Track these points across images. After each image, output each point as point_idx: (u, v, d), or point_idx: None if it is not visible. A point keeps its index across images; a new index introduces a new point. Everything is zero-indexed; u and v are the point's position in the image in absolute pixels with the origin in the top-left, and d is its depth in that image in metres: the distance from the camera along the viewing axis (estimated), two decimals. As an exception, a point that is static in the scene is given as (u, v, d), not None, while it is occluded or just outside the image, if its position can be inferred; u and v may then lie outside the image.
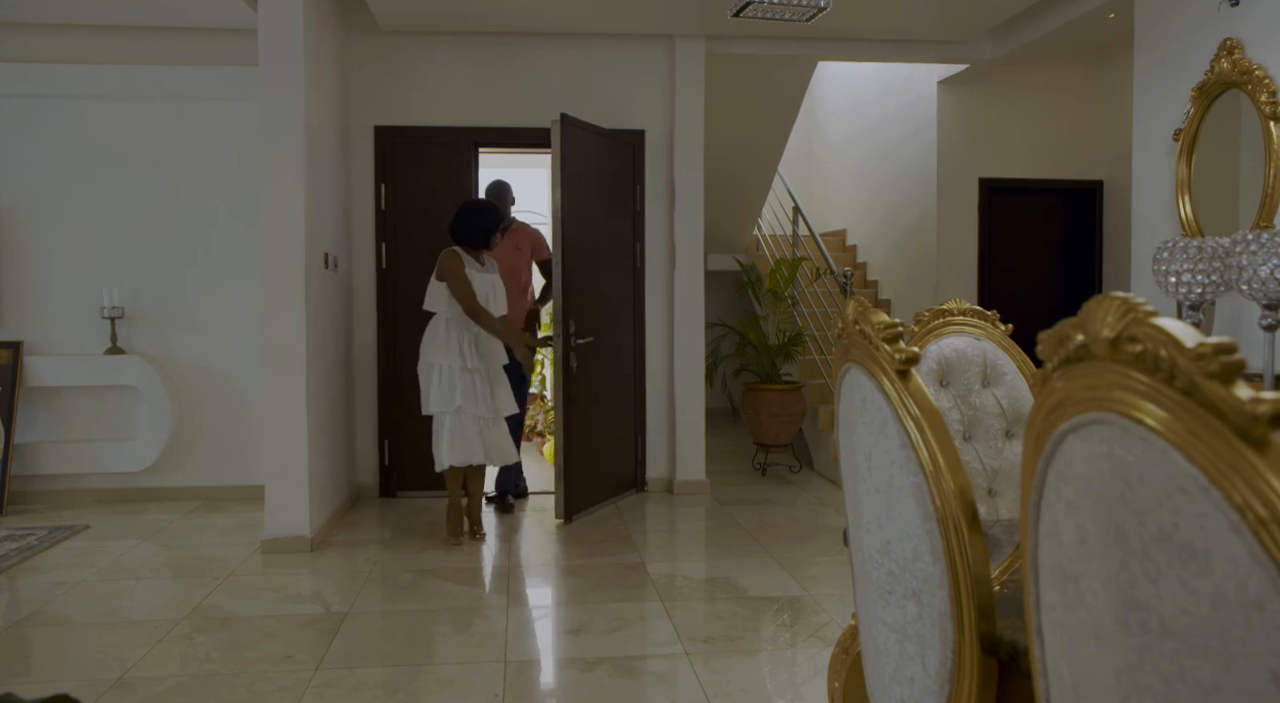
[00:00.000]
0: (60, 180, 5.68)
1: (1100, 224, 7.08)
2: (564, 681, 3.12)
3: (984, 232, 7.07)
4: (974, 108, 7.02)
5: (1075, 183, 7.08)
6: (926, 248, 7.24)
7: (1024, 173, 7.04)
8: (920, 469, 1.28)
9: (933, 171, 7.08)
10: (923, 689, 1.33)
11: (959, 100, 7.02)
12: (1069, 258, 7.17)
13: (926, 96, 7.17)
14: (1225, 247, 1.93)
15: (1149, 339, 0.74)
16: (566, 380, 5.21)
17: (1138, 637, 0.77)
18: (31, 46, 5.65)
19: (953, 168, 7.04)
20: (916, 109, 7.36)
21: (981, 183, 7.05)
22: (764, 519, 5.31)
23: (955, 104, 7.02)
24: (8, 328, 5.62)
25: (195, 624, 3.62)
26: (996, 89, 6.96)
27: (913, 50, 6.23)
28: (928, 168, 7.18)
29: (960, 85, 6.95)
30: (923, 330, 2.46)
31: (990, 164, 7.04)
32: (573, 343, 5.26)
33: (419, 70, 5.80)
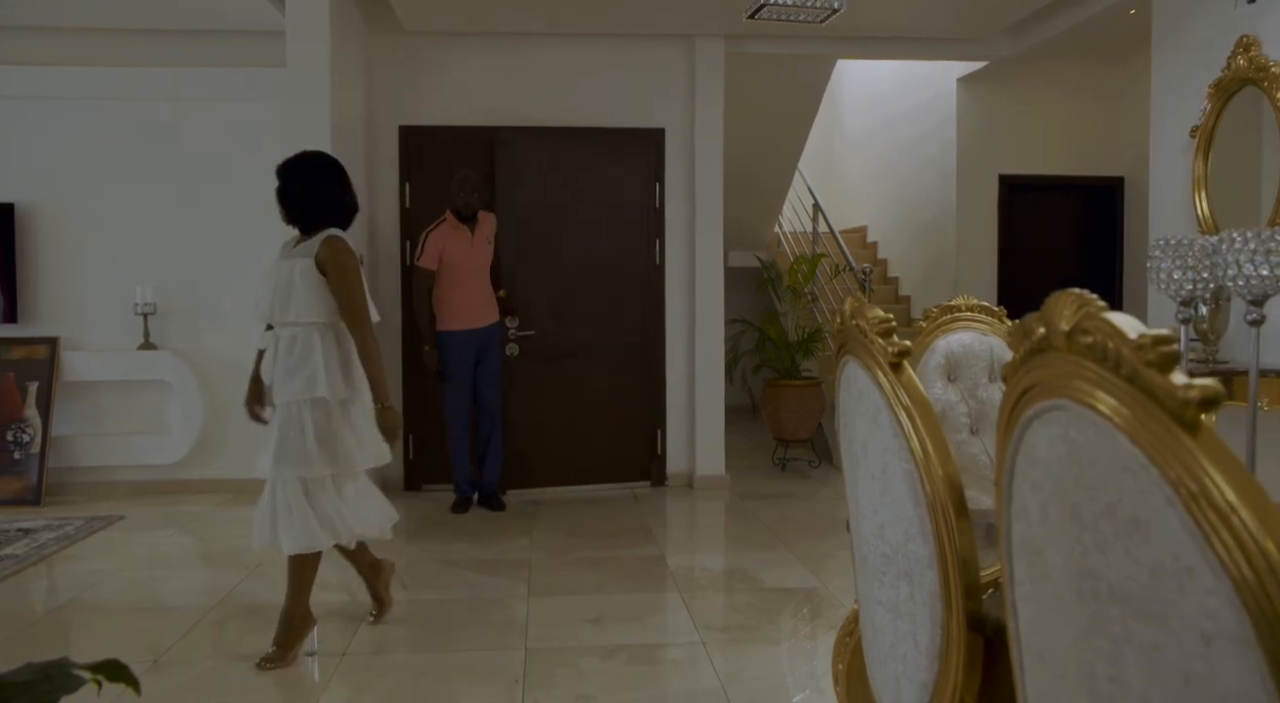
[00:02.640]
0: (94, 180, 5.83)
1: (1121, 221, 7.08)
2: (583, 667, 3.20)
3: (1003, 228, 7.10)
4: (993, 105, 7.05)
5: (1095, 179, 7.09)
6: (946, 245, 7.27)
7: (1043, 169, 7.06)
8: (911, 457, 1.35)
9: (952, 168, 7.12)
10: (915, 664, 1.40)
11: (978, 97, 7.04)
12: (1088, 254, 7.18)
13: (945, 93, 7.20)
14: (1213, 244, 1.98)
15: (1098, 331, 0.81)
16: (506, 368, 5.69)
17: (1090, 604, 0.85)
18: (67, 50, 5.80)
19: (972, 165, 7.07)
20: (936, 106, 7.39)
21: (1001, 180, 7.08)
22: (783, 514, 5.38)
23: (974, 101, 7.05)
24: (45, 324, 5.78)
25: (227, 611, 3.74)
26: (1016, 86, 6.99)
27: (931, 48, 6.27)
28: (947, 165, 7.21)
29: (979, 82, 6.98)
30: (931, 326, 2.53)
31: (1009, 161, 7.07)
32: (512, 336, 5.79)
33: (442, 70, 5.90)
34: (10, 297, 5.69)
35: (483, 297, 5.38)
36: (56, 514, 5.26)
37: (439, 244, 5.25)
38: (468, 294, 5.32)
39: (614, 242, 6.02)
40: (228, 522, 5.20)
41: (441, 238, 5.27)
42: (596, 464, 6.05)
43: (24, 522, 5.06)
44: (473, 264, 5.31)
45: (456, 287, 5.30)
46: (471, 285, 5.33)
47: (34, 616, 3.75)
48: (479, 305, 5.37)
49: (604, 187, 6.01)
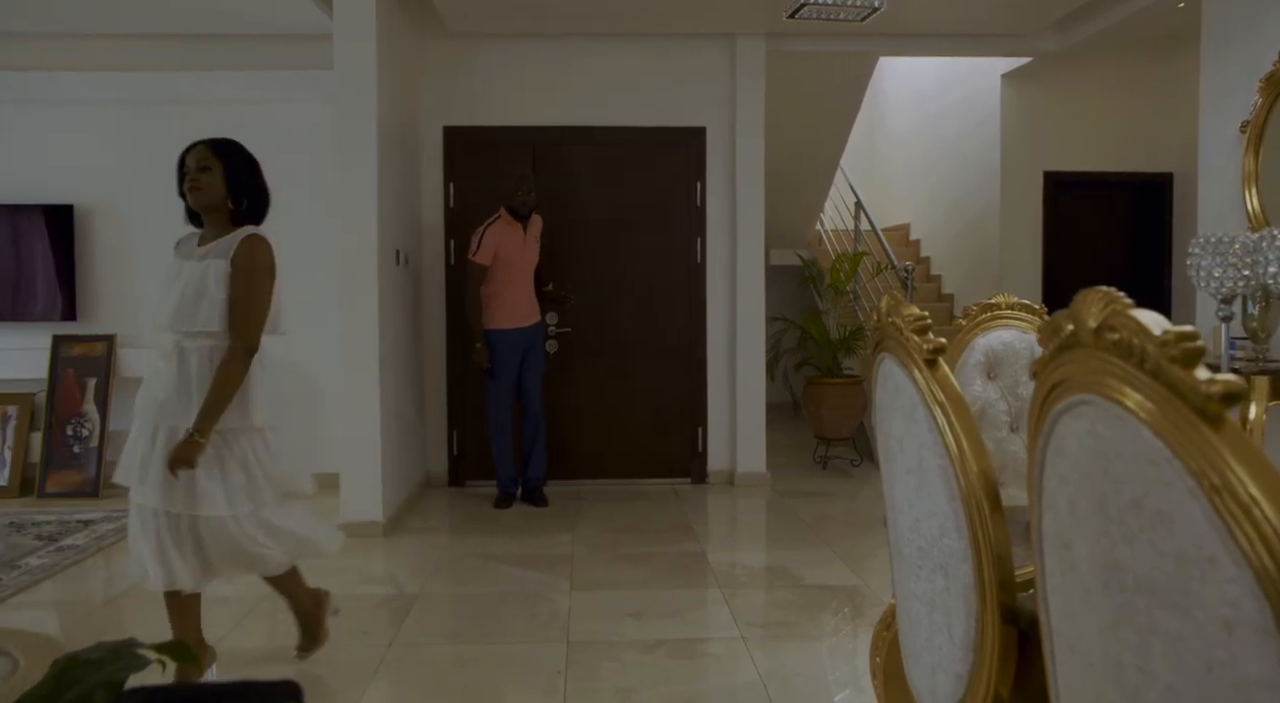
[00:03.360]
0: (148, 182, 5.95)
1: (1169, 217, 6.98)
2: (624, 660, 3.24)
3: (1048, 226, 7.03)
4: (1038, 101, 6.98)
5: (1143, 175, 7.00)
6: (989, 242, 7.22)
7: (1089, 166, 6.98)
8: (946, 452, 1.37)
9: (996, 165, 7.06)
10: (950, 656, 1.42)
11: (1022, 93, 6.98)
12: (1136, 252, 7.09)
13: (989, 89, 7.14)
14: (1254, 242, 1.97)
15: (1124, 328, 0.83)
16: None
17: (1116, 595, 0.87)
18: (120, 55, 5.95)
19: (1016, 161, 7.01)
20: (979, 102, 7.34)
21: (1046, 176, 7.01)
22: (824, 512, 5.38)
23: (1018, 97, 6.99)
24: (102, 322, 5.94)
25: (278, 601, 3.81)
26: (1061, 81, 6.91)
27: (975, 44, 6.23)
28: (990, 162, 7.15)
29: (1024, 78, 6.92)
30: (971, 324, 2.53)
31: (1054, 157, 7.00)
32: (552, 332, 5.95)
33: (485, 72, 5.98)
34: (69, 295, 5.86)
35: (528, 296, 5.41)
36: (114, 507, 5.41)
37: (495, 240, 5.26)
38: (515, 293, 5.34)
39: (655, 240, 6.06)
40: (277, 515, 5.31)
41: (498, 234, 5.28)
42: (638, 460, 6.10)
43: (84, 513, 5.22)
44: (522, 263, 5.34)
45: (506, 284, 5.31)
46: (519, 284, 5.35)
47: (95, 603, 3.88)
48: (525, 304, 5.40)
49: (645, 185, 6.05)
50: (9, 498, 5.62)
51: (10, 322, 5.86)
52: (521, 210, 5.30)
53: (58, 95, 5.91)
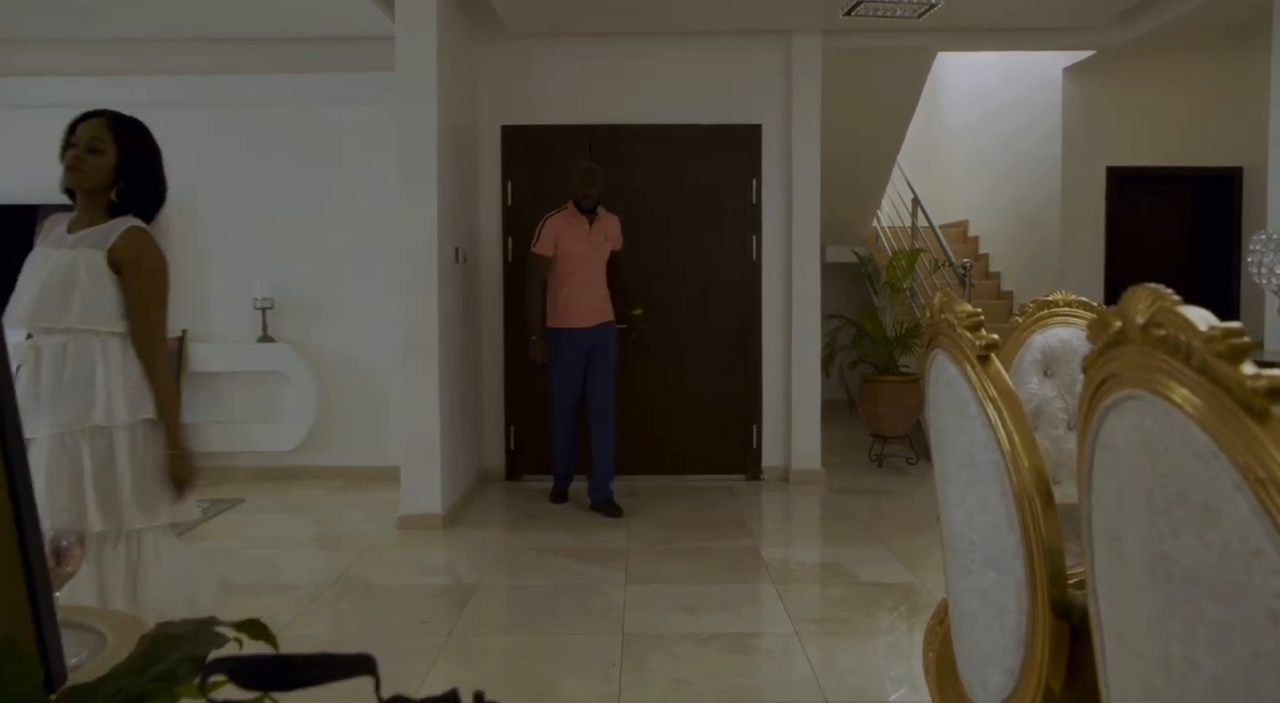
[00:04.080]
0: (217, 182, 6.16)
1: (1239, 212, 6.82)
2: (678, 653, 3.28)
3: (1111, 222, 6.91)
4: (1101, 95, 6.86)
5: (1211, 170, 6.85)
6: (1050, 239, 7.11)
7: (1154, 160, 6.85)
8: (998, 448, 1.38)
9: (1056, 160, 6.96)
10: (1001, 650, 1.44)
11: (1084, 87, 6.87)
12: (1203, 247, 6.94)
13: (1051, 83, 7.04)
14: (1316, 238, 1.94)
15: (1171, 324, 0.85)
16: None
17: (1164, 586, 0.88)
18: (191, 59, 6.13)
19: (1078, 156, 6.90)
20: (1040, 96, 7.23)
21: (1109, 171, 6.89)
22: (880, 509, 5.36)
23: (1080, 91, 6.88)
24: (174, 317, 6.12)
25: (341, 590, 3.94)
26: (1124, 74, 6.79)
27: (1036, 38, 6.14)
28: (1051, 156, 7.05)
29: (1086, 72, 6.81)
30: (1027, 321, 2.52)
31: (1118, 152, 6.88)
32: None
33: (542, 71, 6.05)
34: (142, 292, 6.04)
35: (593, 294, 5.24)
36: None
37: (555, 230, 5.16)
38: (576, 289, 5.18)
39: (711, 237, 6.08)
40: (339, 507, 5.45)
41: (559, 224, 5.17)
42: (693, 456, 6.14)
43: (155, 503, 5.40)
44: (586, 257, 5.18)
45: (567, 279, 5.17)
46: (581, 280, 5.19)
47: (166, 590, 4.02)
48: (589, 302, 5.21)
49: (701, 183, 6.08)
50: (84, 488, 5.83)
51: (86, 317, 6.07)
52: (584, 204, 5.17)
53: (130, 98, 6.10)
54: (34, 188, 6.03)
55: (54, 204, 5.85)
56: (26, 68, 6.09)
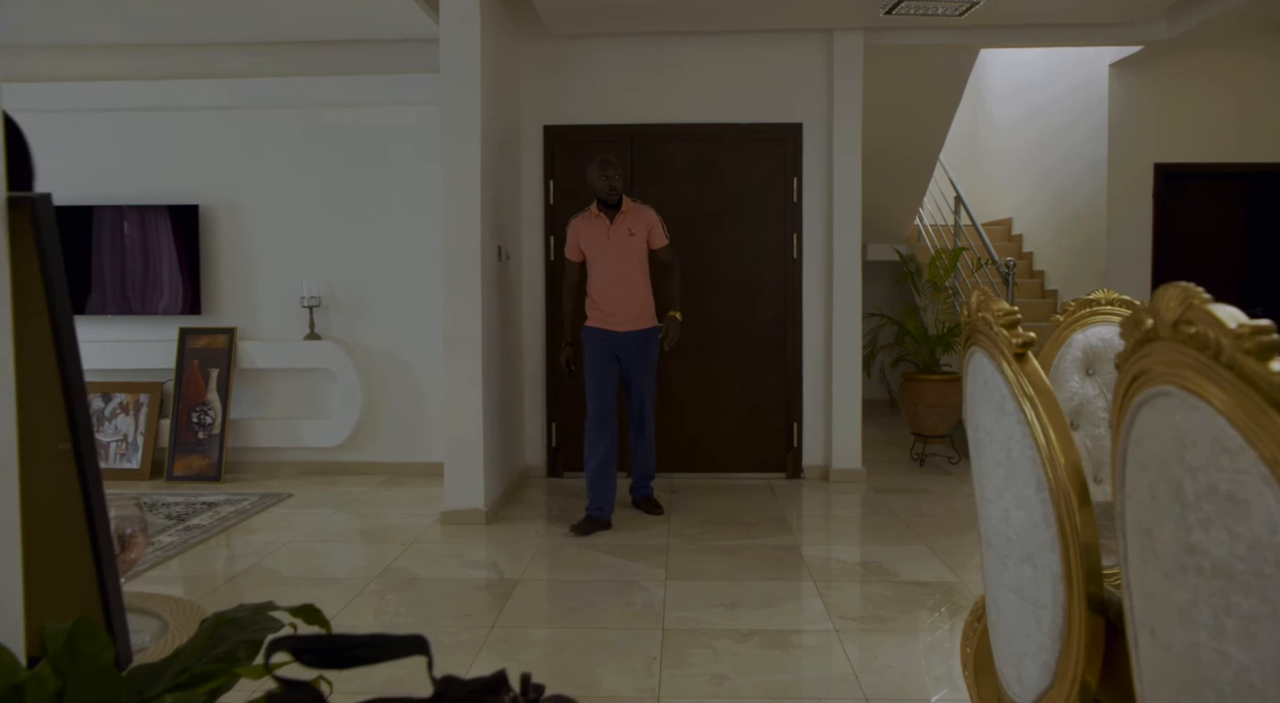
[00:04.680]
0: (265, 182, 6.29)
1: (1291, 209, 6.70)
2: (718, 649, 3.31)
3: (1158, 219, 6.81)
4: (1149, 90, 6.77)
5: (1265, 166, 6.73)
6: (1096, 237, 7.03)
7: (1204, 157, 6.75)
8: (1034, 444, 1.40)
9: (1103, 157, 6.88)
10: (1038, 644, 1.45)
11: (1132, 83, 6.78)
12: (1256, 245, 6.82)
13: (1097, 79, 6.96)
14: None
15: (1201, 321, 0.87)
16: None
17: (1193, 578, 0.90)
18: (242, 63, 6.27)
19: (1125, 153, 6.81)
20: (1086, 92, 7.15)
21: (1156, 168, 6.80)
22: (920, 509, 5.35)
23: (1128, 87, 6.79)
24: (224, 315, 6.28)
25: (386, 583, 4.02)
26: (1173, 70, 6.70)
27: (1082, 34, 6.08)
28: (1098, 153, 6.97)
29: (1133, 67, 6.72)
30: (1069, 320, 2.52)
31: (1166, 148, 6.78)
32: None
33: (584, 71, 6.10)
34: (194, 290, 6.21)
35: (623, 295, 4.87)
36: (235, 490, 5.72)
37: (576, 232, 4.96)
38: (603, 290, 4.90)
39: (752, 236, 6.10)
40: (384, 502, 5.54)
41: (579, 226, 4.96)
42: (733, 454, 6.16)
43: (207, 496, 5.54)
44: (610, 256, 4.88)
45: (594, 281, 4.93)
46: (607, 281, 4.89)
47: (220, 579, 4.13)
48: (618, 304, 4.88)
49: (742, 182, 6.09)
50: (141, 480, 6.00)
51: (140, 315, 6.24)
52: (608, 199, 4.87)
53: (183, 101, 6.26)
54: (89, 189, 6.22)
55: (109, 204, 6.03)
56: (82, 73, 6.26)
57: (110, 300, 6.22)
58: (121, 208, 6.19)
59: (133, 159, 6.30)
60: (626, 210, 4.91)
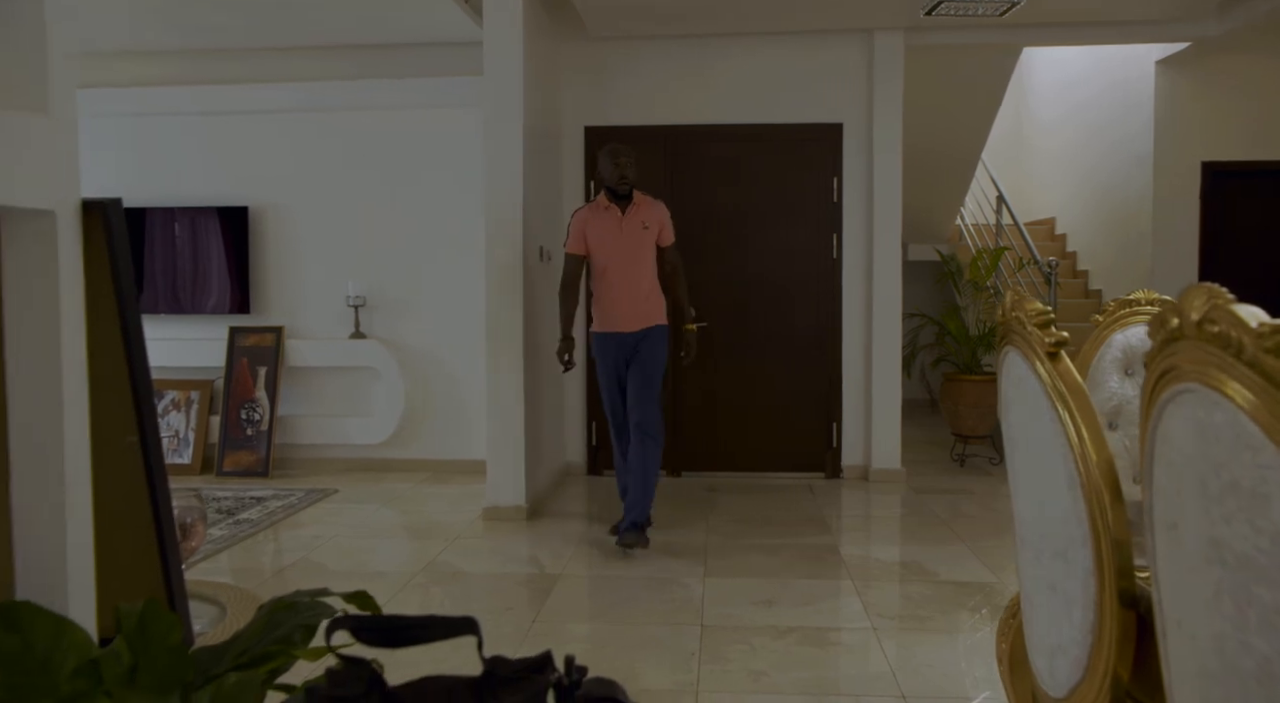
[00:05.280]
0: (311, 184, 6.42)
1: (1343, 208, 6.58)
2: (755, 645, 3.34)
3: (1205, 218, 6.73)
4: (1196, 88, 6.69)
5: (1314, 164, 6.62)
6: (1141, 236, 6.96)
7: (1252, 155, 6.65)
8: (1067, 442, 1.42)
9: (1149, 155, 6.80)
10: (1070, 639, 1.48)
11: (1179, 81, 6.70)
12: (1306, 244, 6.71)
13: (1143, 76, 6.88)
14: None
15: (1224, 320, 0.89)
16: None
17: (1217, 570, 0.93)
18: (289, 68, 6.40)
19: (1171, 151, 6.73)
20: (1131, 89, 7.07)
21: (1204, 167, 6.71)
22: (961, 509, 5.34)
23: (1174, 85, 6.71)
24: (272, 314, 6.42)
25: (430, 577, 4.10)
26: (1221, 67, 6.61)
27: (1127, 31, 6.02)
28: (1143, 151, 6.89)
29: (1180, 64, 6.64)
30: (1108, 320, 2.53)
31: (1213, 147, 6.69)
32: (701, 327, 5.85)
33: (624, 73, 6.16)
34: (244, 290, 6.35)
35: (632, 293, 4.57)
36: (282, 485, 5.85)
37: (581, 223, 4.61)
38: (609, 289, 4.59)
39: (792, 236, 6.12)
40: (426, 498, 5.63)
41: (585, 217, 4.63)
42: (772, 453, 6.18)
43: (256, 491, 5.68)
44: (620, 251, 4.56)
45: (601, 276, 4.60)
46: (617, 277, 4.57)
47: (268, 572, 4.23)
48: (621, 304, 4.57)
49: (782, 182, 6.11)
50: (192, 474, 6.15)
51: (191, 314, 6.40)
52: (619, 189, 4.54)
53: (232, 106, 6.40)
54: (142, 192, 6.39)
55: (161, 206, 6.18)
56: (133, 79, 6.43)
57: (162, 300, 6.39)
58: (173, 209, 6.35)
59: (183, 162, 6.47)
60: (639, 203, 4.60)
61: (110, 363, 1.53)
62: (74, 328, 1.38)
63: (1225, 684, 0.93)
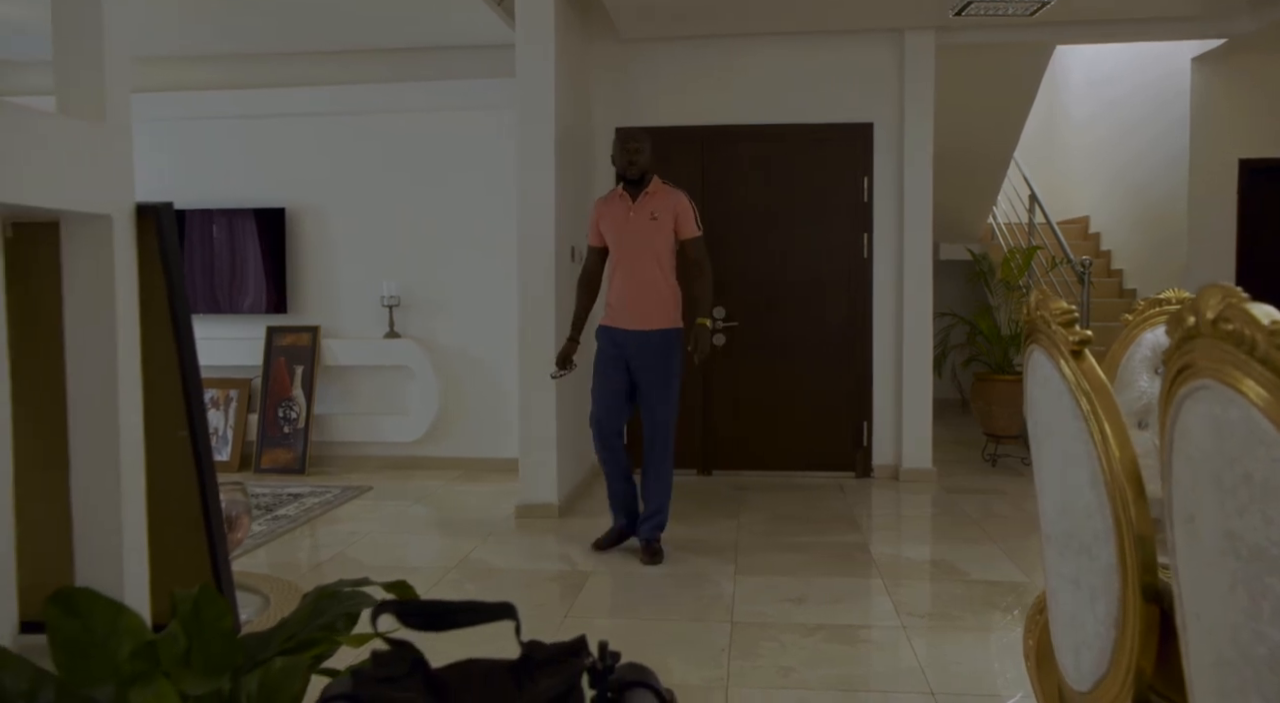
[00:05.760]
0: (346, 186, 6.52)
1: (1384, 205, 6.49)
2: (784, 642, 3.37)
3: (1243, 217, 6.65)
4: (1232, 84, 6.62)
5: (1354, 161, 6.53)
6: (1176, 235, 6.90)
7: (1291, 152, 6.57)
8: (1090, 439, 1.45)
9: (1184, 153, 6.74)
10: (1094, 633, 1.50)
11: (1215, 77, 6.64)
12: (1345, 243, 6.62)
13: (1178, 72, 6.82)
14: None
15: (1238, 319, 0.92)
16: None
17: (1232, 562, 0.95)
18: (324, 71, 6.50)
19: (1207, 149, 6.67)
20: (1166, 86, 7.01)
21: (1241, 164, 6.64)
22: (992, 509, 5.33)
23: (1210, 81, 6.65)
24: (308, 314, 6.53)
25: (464, 573, 4.17)
26: (1259, 63, 6.53)
27: (1161, 28, 5.97)
28: (1179, 149, 6.83)
29: (1217, 61, 6.57)
30: (1138, 319, 2.54)
31: (1251, 144, 6.62)
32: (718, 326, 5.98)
33: (655, 74, 6.19)
34: (281, 290, 6.46)
35: (638, 288, 4.30)
36: (318, 483, 5.95)
37: (597, 214, 4.44)
38: (618, 281, 4.35)
39: (822, 235, 6.13)
40: (460, 495, 5.71)
41: (600, 207, 4.46)
42: (801, 452, 6.20)
43: (293, 488, 5.78)
44: (627, 240, 4.31)
45: (613, 270, 4.38)
46: (625, 270, 4.33)
47: (305, 567, 4.32)
48: (629, 299, 4.32)
49: (812, 182, 6.13)
50: (230, 471, 6.27)
51: (228, 314, 6.52)
52: (627, 174, 4.30)
53: (268, 109, 6.52)
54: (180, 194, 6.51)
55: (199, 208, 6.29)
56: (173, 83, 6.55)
57: (200, 300, 6.52)
58: (211, 211, 6.48)
59: (221, 164, 6.59)
60: (653, 191, 4.31)
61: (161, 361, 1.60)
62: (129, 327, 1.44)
63: (1240, 673, 0.96)
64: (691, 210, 4.33)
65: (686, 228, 4.32)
